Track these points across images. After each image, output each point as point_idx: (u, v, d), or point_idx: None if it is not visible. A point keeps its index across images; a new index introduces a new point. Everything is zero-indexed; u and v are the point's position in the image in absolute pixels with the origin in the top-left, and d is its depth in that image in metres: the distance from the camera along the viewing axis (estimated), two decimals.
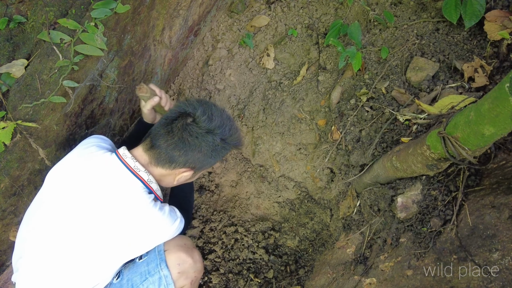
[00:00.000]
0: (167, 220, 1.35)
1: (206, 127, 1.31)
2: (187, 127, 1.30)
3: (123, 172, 1.31)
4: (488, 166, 1.34)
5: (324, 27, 2.03)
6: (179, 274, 1.43)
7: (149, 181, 1.35)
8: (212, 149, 1.36)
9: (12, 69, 1.44)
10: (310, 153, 2.04)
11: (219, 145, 1.37)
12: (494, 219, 1.18)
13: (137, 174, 1.33)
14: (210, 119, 1.32)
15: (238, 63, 2.15)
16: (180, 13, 1.79)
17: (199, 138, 1.31)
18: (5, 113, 1.39)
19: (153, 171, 1.38)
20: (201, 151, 1.34)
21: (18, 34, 1.53)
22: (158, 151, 1.34)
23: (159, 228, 1.34)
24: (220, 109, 1.39)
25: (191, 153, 1.33)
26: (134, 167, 1.33)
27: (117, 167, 1.32)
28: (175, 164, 1.35)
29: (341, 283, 1.66)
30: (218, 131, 1.34)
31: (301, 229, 2.22)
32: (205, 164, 1.41)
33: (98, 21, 1.45)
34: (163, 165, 1.35)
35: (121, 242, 1.30)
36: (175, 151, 1.32)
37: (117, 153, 1.35)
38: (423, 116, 1.48)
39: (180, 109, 1.34)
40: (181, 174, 1.39)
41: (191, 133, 1.30)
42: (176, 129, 1.30)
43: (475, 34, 1.62)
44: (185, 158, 1.34)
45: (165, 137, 1.32)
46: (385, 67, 1.75)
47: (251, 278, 2.19)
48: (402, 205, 1.45)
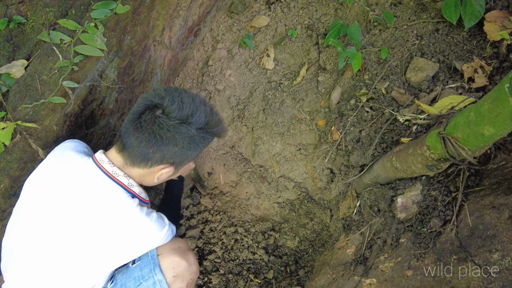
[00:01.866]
0: (155, 227, 1.27)
1: (177, 117, 1.18)
2: (156, 120, 1.18)
3: (101, 178, 1.24)
4: (488, 167, 1.34)
5: (324, 27, 2.03)
6: (174, 278, 1.40)
7: (129, 185, 1.27)
8: (189, 141, 1.23)
9: (12, 69, 1.44)
10: (310, 153, 2.04)
11: (196, 135, 1.23)
12: (494, 220, 1.18)
13: (116, 179, 1.25)
14: (181, 108, 1.19)
15: (238, 63, 2.15)
16: (180, 13, 1.79)
17: (171, 130, 1.19)
18: (5, 114, 1.39)
19: (131, 173, 1.28)
20: (176, 145, 1.21)
21: (18, 35, 1.53)
22: (130, 150, 1.23)
23: (146, 234, 1.26)
24: (192, 94, 1.26)
25: (165, 148, 1.21)
26: (112, 172, 1.25)
27: (95, 173, 1.24)
28: (151, 162, 1.24)
29: (341, 284, 1.66)
30: (192, 119, 1.21)
31: (301, 229, 2.22)
32: (185, 158, 1.29)
33: (98, 22, 1.45)
34: (139, 164, 1.25)
35: (107, 250, 1.23)
36: (148, 148, 1.20)
37: (93, 158, 1.27)
38: (423, 116, 1.48)
39: (146, 101, 1.21)
40: (160, 171, 1.29)
41: (161, 126, 1.18)
42: (145, 124, 1.18)
43: (475, 35, 1.62)
44: (160, 154, 1.22)
45: (135, 134, 1.20)
46: (385, 68, 1.75)
47: (251, 278, 2.19)
48: (402, 205, 1.45)
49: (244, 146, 2.19)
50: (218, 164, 2.28)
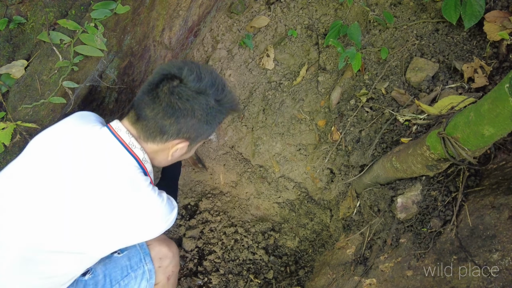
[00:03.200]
0: (166, 209, 1.20)
1: (196, 87, 1.14)
2: (174, 90, 1.13)
3: (117, 147, 1.15)
4: (488, 167, 1.34)
5: (324, 27, 2.03)
6: (159, 269, 1.37)
7: (144, 160, 1.20)
8: (207, 113, 1.18)
9: (12, 69, 1.44)
10: (310, 153, 2.04)
11: (214, 108, 1.19)
12: (494, 220, 1.18)
13: (132, 151, 1.17)
14: (199, 78, 1.15)
15: (238, 63, 2.15)
16: (180, 13, 1.79)
17: (190, 100, 1.14)
18: (5, 114, 1.39)
19: (145, 148, 1.21)
20: (194, 116, 1.16)
21: (18, 35, 1.53)
22: (145, 122, 1.17)
23: (157, 216, 1.18)
24: (209, 67, 1.23)
25: (183, 120, 1.15)
26: (129, 143, 1.17)
27: (110, 141, 1.16)
28: (167, 136, 1.18)
29: (341, 284, 1.66)
30: (210, 91, 1.17)
31: (301, 229, 2.22)
32: (201, 133, 1.24)
33: (98, 22, 1.45)
34: (154, 138, 1.18)
35: (110, 224, 1.13)
36: (165, 120, 1.14)
37: (109, 127, 1.19)
38: (423, 116, 1.48)
39: (164, 71, 1.16)
40: (175, 147, 1.22)
41: (180, 96, 1.13)
42: (162, 94, 1.13)
43: (475, 35, 1.62)
44: (177, 127, 1.16)
45: (151, 105, 1.14)
46: (385, 68, 1.75)
47: (251, 278, 2.19)
48: (402, 205, 1.45)
49: (244, 146, 2.19)
50: (218, 164, 2.28)
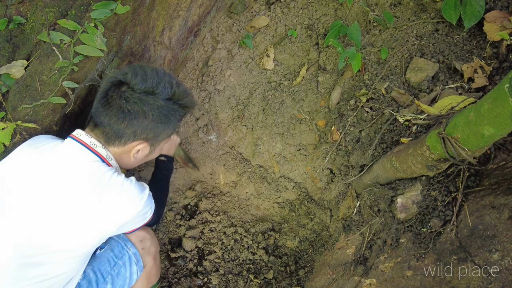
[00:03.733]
0: (136, 188, 1.25)
1: (142, 89, 1.20)
2: (122, 95, 1.19)
3: (79, 149, 1.22)
4: (488, 167, 1.34)
5: (323, 27, 2.03)
6: (143, 251, 1.44)
7: (107, 157, 1.27)
8: (159, 113, 1.24)
9: (12, 69, 1.44)
10: (310, 153, 2.04)
11: (165, 107, 1.25)
12: (494, 220, 1.18)
13: (93, 150, 1.24)
14: (144, 80, 1.20)
15: (238, 63, 2.15)
16: (179, 14, 1.79)
17: (138, 103, 1.20)
18: (5, 114, 1.39)
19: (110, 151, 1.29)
20: (146, 117, 1.22)
21: (18, 35, 1.53)
22: (102, 128, 1.24)
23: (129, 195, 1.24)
24: (155, 68, 1.27)
25: (136, 122, 1.22)
26: (90, 143, 1.24)
27: (72, 145, 1.23)
28: (125, 139, 1.25)
29: (341, 284, 1.66)
30: (158, 90, 1.22)
31: (301, 229, 2.22)
32: (159, 132, 1.30)
33: (98, 22, 1.45)
34: (113, 142, 1.26)
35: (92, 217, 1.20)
36: (118, 124, 1.22)
37: (71, 136, 1.26)
38: (423, 116, 1.48)
39: (111, 79, 1.23)
40: (135, 148, 1.29)
41: (127, 100, 1.19)
42: (112, 101, 1.20)
43: (475, 35, 1.62)
44: (132, 129, 1.23)
45: (104, 112, 1.22)
46: (385, 68, 1.75)
47: (251, 278, 2.19)
48: (402, 205, 1.45)
49: (244, 146, 2.19)
50: (218, 164, 2.28)
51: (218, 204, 2.38)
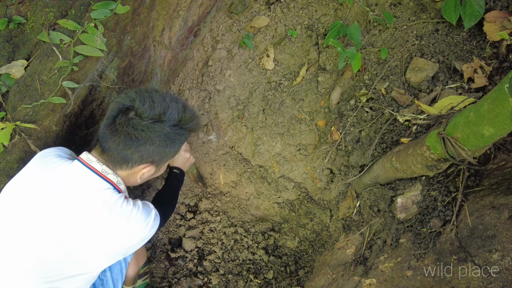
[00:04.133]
0: (143, 215, 1.29)
1: (149, 116, 1.21)
2: (130, 122, 1.21)
3: (90, 176, 1.25)
4: (488, 167, 1.34)
5: (323, 28, 2.03)
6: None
7: (118, 183, 1.30)
8: (165, 139, 1.26)
9: (12, 69, 1.44)
10: (309, 153, 2.04)
11: (171, 132, 1.27)
12: (493, 220, 1.18)
13: (105, 177, 1.27)
14: (152, 107, 1.22)
15: (237, 64, 2.15)
16: (179, 14, 1.79)
17: (145, 130, 1.22)
18: (5, 114, 1.39)
19: (118, 174, 1.32)
20: (153, 143, 1.24)
21: (18, 35, 1.53)
22: (110, 153, 1.26)
23: (136, 222, 1.28)
24: (162, 93, 1.28)
25: (143, 148, 1.24)
26: (102, 171, 1.27)
27: (83, 173, 1.25)
28: (132, 163, 1.27)
29: (341, 284, 1.66)
30: (165, 117, 1.24)
31: (301, 229, 2.22)
32: (164, 155, 1.33)
33: (98, 22, 1.45)
34: (121, 166, 1.28)
35: (100, 247, 1.25)
36: (126, 150, 1.24)
37: (79, 159, 1.28)
38: (423, 116, 1.48)
39: (118, 105, 1.23)
40: (141, 171, 1.32)
41: (135, 128, 1.21)
42: (119, 127, 1.21)
43: (475, 35, 1.62)
44: (139, 155, 1.26)
45: (112, 138, 1.23)
46: (385, 68, 1.75)
47: (251, 279, 2.19)
48: (402, 205, 1.45)
49: (244, 147, 2.19)
50: (218, 164, 2.28)
51: (218, 204, 2.38)
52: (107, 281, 1.63)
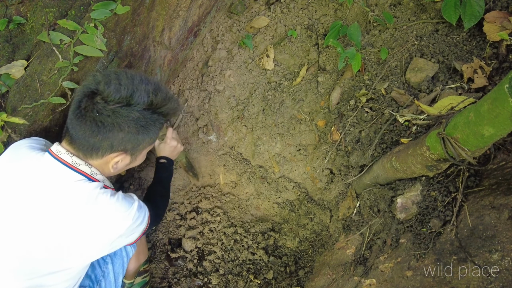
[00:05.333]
0: (123, 205, 1.21)
1: (115, 100, 1.11)
2: (94, 107, 1.10)
3: (60, 169, 1.17)
4: (488, 167, 1.34)
5: (323, 28, 2.03)
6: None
7: (92, 173, 1.21)
8: (135, 124, 1.15)
9: (12, 70, 1.44)
10: (309, 154, 2.04)
11: (141, 118, 1.16)
12: (493, 220, 1.18)
13: (76, 169, 1.18)
14: (118, 90, 1.10)
15: (237, 64, 2.15)
16: (179, 14, 1.79)
17: (111, 116, 1.11)
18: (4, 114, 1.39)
19: (91, 163, 1.23)
20: (122, 130, 1.14)
21: (17, 35, 1.53)
22: (78, 142, 1.16)
23: (116, 213, 1.20)
24: (132, 74, 1.16)
25: (111, 135, 1.14)
26: (72, 162, 1.18)
27: (53, 165, 1.17)
28: (102, 151, 1.18)
29: (341, 284, 1.66)
30: (133, 100, 1.13)
31: (301, 230, 2.22)
32: (138, 143, 1.22)
33: (98, 22, 1.45)
34: (91, 155, 1.19)
35: (78, 241, 1.18)
36: (93, 137, 1.14)
37: (49, 151, 1.20)
38: (423, 117, 1.48)
39: (84, 88, 1.13)
40: (113, 160, 1.22)
41: (100, 113, 1.10)
42: (85, 113, 1.11)
43: (475, 35, 1.62)
44: (107, 143, 1.16)
45: (79, 125, 1.14)
46: (385, 68, 1.75)
47: (250, 279, 2.19)
48: (402, 206, 1.45)
49: (243, 147, 2.19)
50: (218, 164, 2.28)
51: (218, 204, 2.38)
52: (109, 273, 1.62)
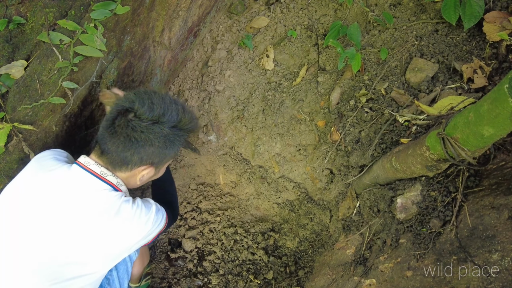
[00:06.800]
0: (143, 211, 1.30)
1: (149, 118, 1.22)
2: (129, 124, 1.21)
3: (89, 179, 1.25)
4: (488, 167, 1.34)
5: (323, 28, 2.03)
6: None
7: (118, 184, 1.30)
8: (164, 140, 1.26)
9: (12, 70, 1.44)
10: (309, 154, 2.04)
11: (170, 134, 1.27)
12: (493, 220, 1.18)
13: (104, 179, 1.27)
14: (151, 109, 1.22)
15: (237, 64, 2.15)
16: (179, 14, 1.79)
17: (145, 132, 1.22)
18: (4, 115, 1.39)
19: (117, 175, 1.32)
20: (152, 145, 1.25)
21: (17, 35, 1.53)
22: (109, 155, 1.26)
23: (138, 219, 1.28)
24: (162, 94, 1.28)
25: (142, 150, 1.25)
26: (100, 173, 1.27)
27: (82, 176, 1.25)
28: (131, 165, 1.28)
29: (340, 284, 1.66)
30: (164, 119, 1.24)
31: (301, 230, 2.22)
32: (164, 157, 1.33)
33: (98, 22, 1.45)
34: (120, 168, 1.28)
35: (102, 247, 1.25)
36: (125, 152, 1.24)
37: (78, 163, 1.28)
38: (423, 117, 1.48)
39: (118, 107, 1.24)
40: (141, 173, 1.33)
41: (135, 129, 1.21)
42: (119, 129, 1.21)
43: (474, 35, 1.62)
44: (138, 156, 1.26)
45: (111, 140, 1.23)
46: (385, 68, 1.75)
47: (250, 279, 2.19)
48: (402, 206, 1.45)
49: (243, 147, 2.19)
50: (218, 164, 2.28)
51: (218, 205, 2.38)
52: (113, 280, 1.64)
